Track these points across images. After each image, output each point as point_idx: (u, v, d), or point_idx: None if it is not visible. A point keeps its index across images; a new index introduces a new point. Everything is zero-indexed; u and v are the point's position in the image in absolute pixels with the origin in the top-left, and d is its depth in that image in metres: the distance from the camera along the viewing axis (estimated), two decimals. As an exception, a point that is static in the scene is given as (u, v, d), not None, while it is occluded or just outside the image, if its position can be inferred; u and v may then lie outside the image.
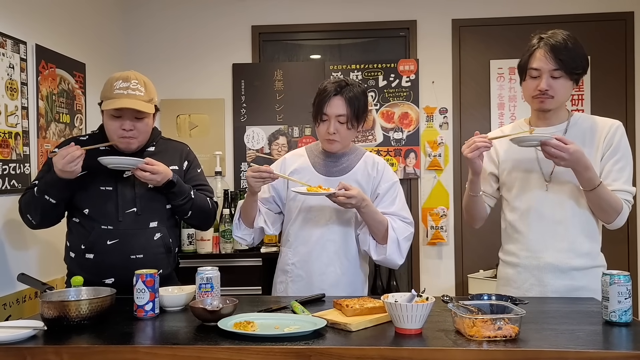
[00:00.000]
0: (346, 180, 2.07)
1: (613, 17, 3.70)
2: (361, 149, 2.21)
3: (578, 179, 1.86)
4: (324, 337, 1.45)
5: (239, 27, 3.86)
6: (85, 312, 1.55)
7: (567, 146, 1.77)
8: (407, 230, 2.07)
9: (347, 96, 2.02)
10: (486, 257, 3.58)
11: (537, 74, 1.91)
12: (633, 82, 3.69)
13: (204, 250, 3.28)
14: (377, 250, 2.06)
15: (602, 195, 1.85)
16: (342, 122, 2.04)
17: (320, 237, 2.09)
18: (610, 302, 1.54)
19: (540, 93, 1.91)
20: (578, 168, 1.82)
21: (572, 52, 1.88)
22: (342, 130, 2.05)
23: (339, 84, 2.05)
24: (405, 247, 2.06)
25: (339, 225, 2.09)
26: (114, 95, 1.98)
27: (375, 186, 2.11)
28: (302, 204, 2.09)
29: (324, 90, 2.05)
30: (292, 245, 2.13)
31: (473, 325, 1.40)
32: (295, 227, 2.12)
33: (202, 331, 1.53)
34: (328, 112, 2.03)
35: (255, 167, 1.95)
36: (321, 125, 2.06)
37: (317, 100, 2.06)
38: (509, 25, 3.73)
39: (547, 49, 1.89)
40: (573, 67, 1.89)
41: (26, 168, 2.60)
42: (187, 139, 3.58)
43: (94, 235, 2.02)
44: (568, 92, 1.95)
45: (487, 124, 3.74)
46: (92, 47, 3.31)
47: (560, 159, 1.80)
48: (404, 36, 3.86)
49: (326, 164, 2.14)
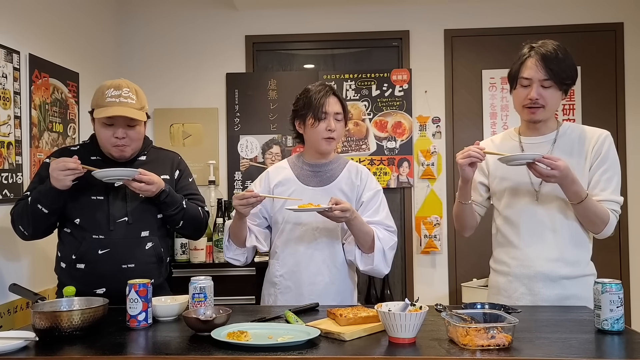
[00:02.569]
0: (331, 190, 2.08)
1: (603, 28, 3.74)
2: (344, 158, 2.23)
3: (565, 193, 1.87)
4: (318, 347, 1.45)
5: (232, 37, 3.88)
6: (77, 322, 1.54)
7: (558, 163, 1.78)
8: (391, 239, 2.08)
9: (338, 95, 2.11)
10: (480, 265, 3.58)
11: (528, 83, 1.92)
12: (623, 92, 3.73)
13: (198, 259, 3.27)
14: (364, 260, 2.06)
15: (589, 207, 1.86)
16: (339, 120, 2.09)
17: (307, 247, 2.08)
18: (602, 311, 1.55)
19: (531, 102, 1.92)
20: (565, 182, 1.83)
21: (562, 62, 1.90)
22: (339, 128, 2.10)
23: (327, 85, 2.12)
24: (390, 257, 2.07)
25: (326, 235, 2.09)
26: (106, 104, 1.99)
27: (359, 194, 2.12)
28: (287, 215, 2.09)
29: (319, 91, 2.08)
30: (279, 257, 2.13)
31: (466, 334, 1.41)
32: (283, 239, 2.12)
33: (196, 341, 1.52)
34: (328, 110, 2.06)
35: (240, 194, 1.95)
36: (320, 124, 2.06)
37: (314, 100, 2.06)
38: (501, 35, 3.77)
39: (538, 58, 1.90)
40: (563, 77, 1.90)
41: (18, 178, 2.59)
42: (180, 148, 3.59)
43: (85, 245, 2.01)
44: (558, 102, 1.97)
45: (479, 133, 3.76)
46: (85, 56, 3.31)
47: (552, 177, 1.81)
48: (397, 46, 3.88)
49: (310, 174, 2.14)
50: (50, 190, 1.92)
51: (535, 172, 1.83)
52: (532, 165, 1.82)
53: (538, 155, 1.80)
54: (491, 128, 3.79)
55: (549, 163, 1.79)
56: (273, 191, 2.13)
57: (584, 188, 1.86)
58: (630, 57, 3.73)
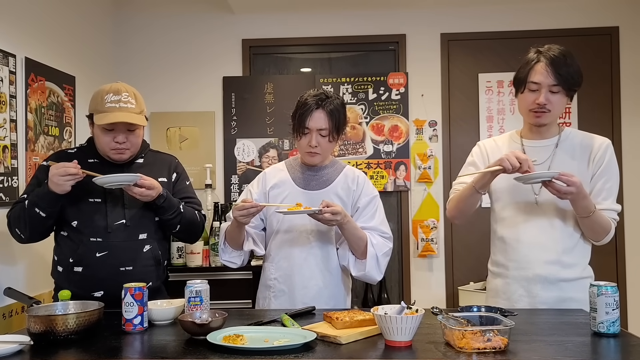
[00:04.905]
0: (326, 194, 2.07)
1: (599, 32, 3.77)
2: (341, 162, 2.21)
3: (574, 207, 1.86)
4: (314, 350, 1.45)
5: (229, 41, 3.88)
6: (72, 326, 1.54)
7: (574, 179, 1.77)
8: (385, 246, 2.07)
9: (328, 109, 2.03)
10: (476, 269, 3.59)
11: (537, 88, 1.91)
12: (619, 95, 3.75)
13: (194, 263, 3.27)
14: (356, 265, 2.05)
15: (596, 220, 1.87)
16: (324, 135, 2.04)
17: (302, 250, 2.08)
18: (598, 313, 1.55)
19: (538, 107, 1.91)
20: (578, 198, 1.82)
21: (570, 68, 1.89)
22: (324, 143, 2.05)
23: (319, 97, 2.04)
24: (384, 263, 2.06)
25: (320, 239, 2.08)
26: (105, 109, 1.98)
27: (355, 200, 2.11)
28: (282, 218, 2.08)
29: (304, 104, 2.04)
30: (274, 260, 2.12)
31: (463, 337, 1.41)
32: (277, 242, 2.12)
33: (191, 345, 1.51)
34: (310, 126, 2.02)
35: (240, 204, 1.94)
36: (303, 138, 2.05)
37: (298, 113, 2.05)
38: (497, 39, 3.78)
39: (547, 62, 1.89)
40: (571, 83, 1.90)
41: (14, 181, 2.59)
42: (177, 152, 3.59)
43: (83, 248, 2.00)
44: (563, 107, 1.97)
45: (476, 136, 3.77)
46: (82, 60, 3.31)
47: (569, 194, 1.79)
48: (394, 50, 3.89)
49: (306, 177, 2.13)
50: (49, 194, 1.92)
51: (552, 190, 1.81)
52: (549, 183, 1.80)
53: (555, 173, 1.79)
54: (487, 131, 3.80)
55: (566, 180, 1.77)
56: (269, 193, 2.13)
57: (592, 202, 1.86)
58: (626, 61, 3.75)
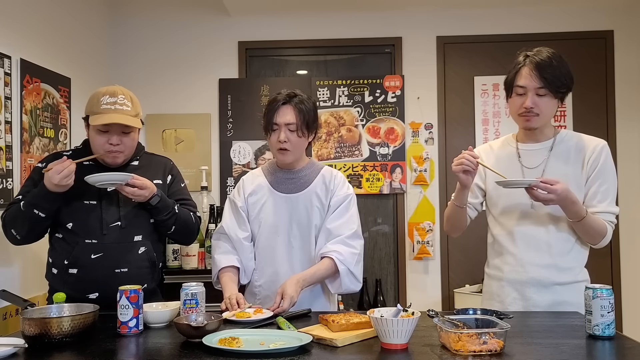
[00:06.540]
0: (306, 195, 2.07)
1: (594, 36, 3.78)
2: (319, 163, 2.21)
3: (565, 213, 1.88)
4: (310, 353, 1.44)
5: (225, 43, 3.88)
6: (67, 329, 1.53)
7: (554, 187, 1.80)
8: (353, 254, 2.02)
9: (296, 105, 2.04)
10: (472, 271, 3.59)
11: (523, 92, 1.93)
12: (614, 98, 3.77)
13: (189, 266, 3.26)
14: (333, 285, 2.04)
15: (589, 223, 1.88)
16: (292, 130, 2.03)
17: (284, 254, 2.07)
18: (593, 316, 1.55)
19: (526, 110, 1.93)
20: (565, 204, 1.85)
21: (556, 70, 1.90)
22: (293, 139, 2.04)
23: (287, 94, 2.07)
24: (359, 271, 2.04)
25: (302, 242, 2.08)
26: (101, 110, 1.98)
27: (330, 199, 2.10)
28: (262, 223, 2.09)
29: (273, 101, 2.07)
30: (257, 267, 2.12)
31: (458, 340, 1.41)
32: (260, 248, 2.11)
33: (187, 348, 1.51)
34: (278, 121, 2.03)
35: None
36: (272, 135, 2.06)
37: (267, 110, 2.07)
38: (493, 42, 3.80)
39: (532, 66, 1.91)
40: (558, 85, 1.91)
41: (9, 183, 2.57)
42: (173, 154, 3.58)
43: (78, 250, 1.99)
44: (553, 109, 1.98)
45: (471, 139, 3.78)
46: (77, 61, 3.30)
47: (550, 200, 1.82)
48: (390, 52, 3.90)
49: (283, 181, 2.12)
50: (50, 194, 1.92)
51: (533, 196, 1.84)
52: (530, 190, 1.83)
53: (534, 181, 1.81)
54: (483, 134, 3.81)
55: (545, 187, 1.80)
56: (247, 200, 2.13)
57: (583, 207, 1.87)
58: (620, 64, 3.77)
